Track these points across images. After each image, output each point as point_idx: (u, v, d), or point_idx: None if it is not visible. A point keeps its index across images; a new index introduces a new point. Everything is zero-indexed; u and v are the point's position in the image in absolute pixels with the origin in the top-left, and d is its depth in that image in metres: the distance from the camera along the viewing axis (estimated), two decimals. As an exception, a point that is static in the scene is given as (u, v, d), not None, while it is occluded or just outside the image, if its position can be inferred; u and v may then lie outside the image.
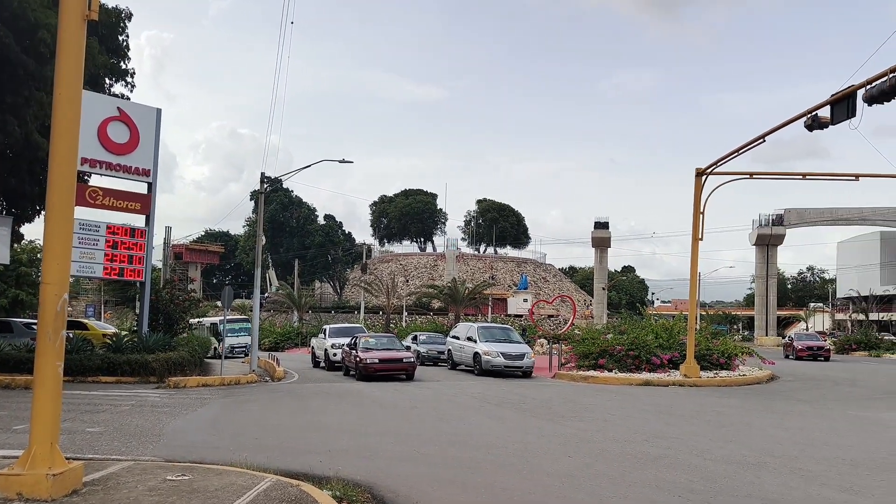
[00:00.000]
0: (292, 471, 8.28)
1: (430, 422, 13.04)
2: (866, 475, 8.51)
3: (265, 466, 8.32)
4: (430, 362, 28.74)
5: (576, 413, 14.09)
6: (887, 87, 14.94)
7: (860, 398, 17.94)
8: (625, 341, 23.66)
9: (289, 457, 9.34)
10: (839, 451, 10.09)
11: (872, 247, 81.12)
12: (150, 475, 7.56)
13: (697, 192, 22.70)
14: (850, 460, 9.42)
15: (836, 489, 7.77)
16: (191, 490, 6.95)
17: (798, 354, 38.02)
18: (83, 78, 7.38)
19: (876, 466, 9.04)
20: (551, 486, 7.86)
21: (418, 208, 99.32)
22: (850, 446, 10.57)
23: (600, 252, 79.26)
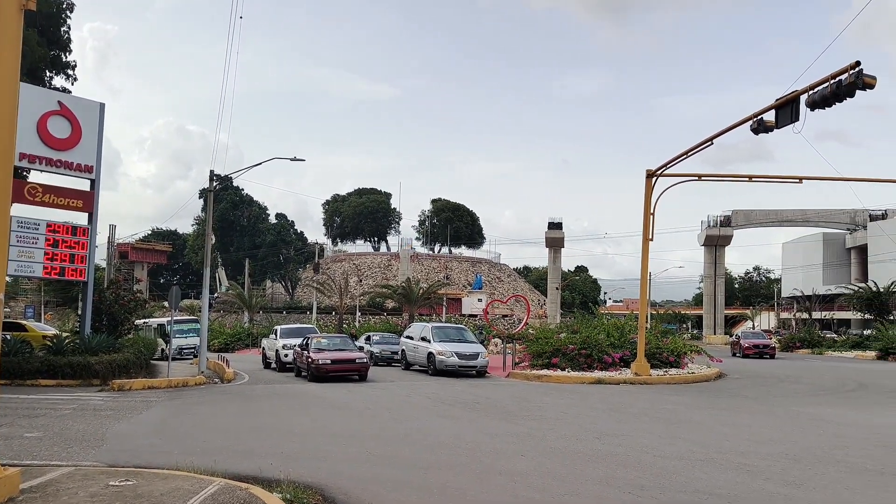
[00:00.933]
0: (241, 474, 8.14)
1: (383, 422, 12.95)
2: (807, 469, 8.76)
3: (213, 470, 8.14)
4: (384, 363, 28.59)
5: (529, 412, 14.17)
6: (828, 93, 15.45)
7: (803, 395, 18.49)
8: (577, 340, 23.94)
9: (238, 460, 9.15)
10: (783, 447, 10.37)
11: (815, 248, 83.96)
12: (92, 481, 7.33)
13: (648, 194, 23.10)
14: (792, 455, 9.68)
15: (778, 483, 7.98)
16: (135, 495, 6.76)
17: (745, 352, 39.02)
18: (21, 70, 7.09)
19: (816, 461, 9.32)
20: (504, 485, 7.88)
21: (372, 207, 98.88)
22: (793, 441, 10.88)
23: (554, 252, 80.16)
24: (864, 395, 18.28)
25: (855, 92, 15.02)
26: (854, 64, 15.04)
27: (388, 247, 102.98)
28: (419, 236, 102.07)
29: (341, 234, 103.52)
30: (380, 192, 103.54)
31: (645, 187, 23.16)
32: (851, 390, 19.60)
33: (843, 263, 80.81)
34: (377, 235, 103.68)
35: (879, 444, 10.74)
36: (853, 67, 15.01)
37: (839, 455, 9.71)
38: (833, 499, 7.35)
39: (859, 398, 17.63)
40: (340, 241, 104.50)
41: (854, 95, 15.12)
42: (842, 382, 21.94)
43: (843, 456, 9.65)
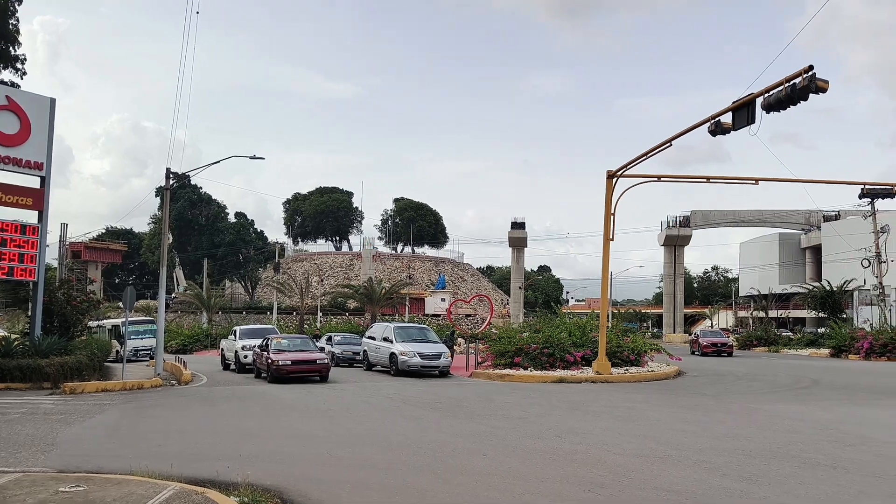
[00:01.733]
0: (198, 478, 7.99)
1: (343, 423, 12.82)
2: (762, 465, 8.92)
3: (168, 474, 7.97)
4: (346, 363, 28.35)
5: (491, 411, 14.18)
6: (783, 96, 15.81)
7: (759, 392, 18.87)
8: (540, 340, 24.08)
9: (195, 463, 8.97)
10: (739, 443, 10.55)
11: (772, 248, 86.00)
12: (41, 487, 7.09)
13: (609, 194, 23.33)
14: (748, 451, 9.85)
15: (735, 479, 8.11)
16: (86, 501, 6.59)
17: (703, 350, 39.67)
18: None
19: (771, 456, 9.50)
20: (465, 484, 7.85)
21: (333, 206, 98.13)
22: (749, 438, 11.08)
23: (517, 252, 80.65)
24: (817, 392, 18.74)
25: (808, 95, 15.39)
26: (807, 68, 15.41)
27: (350, 246, 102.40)
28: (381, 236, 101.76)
29: (302, 234, 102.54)
30: (341, 190, 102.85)
31: (606, 188, 23.39)
32: (805, 387, 20.08)
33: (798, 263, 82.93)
34: (339, 235, 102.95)
35: (831, 439, 11.00)
36: (806, 71, 15.39)
37: (793, 450, 9.92)
38: (786, 493, 7.49)
39: (813, 395, 18.06)
40: (301, 240, 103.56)
41: (808, 99, 15.50)
42: (796, 380, 22.46)
43: (796, 451, 9.85)
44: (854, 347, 36.61)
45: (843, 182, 28.42)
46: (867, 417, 13.79)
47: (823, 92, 15.35)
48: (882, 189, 29.25)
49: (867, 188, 29.24)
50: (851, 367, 29.09)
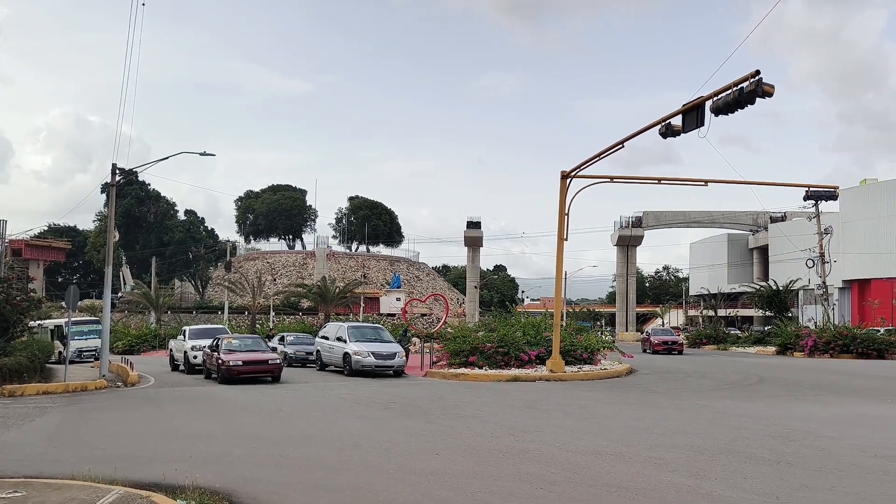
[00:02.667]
0: (144, 481, 7.79)
1: (295, 424, 12.66)
2: (710, 460, 9.10)
3: (112, 478, 7.77)
4: (298, 364, 27.99)
5: (445, 411, 14.17)
6: (731, 100, 16.16)
7: (708, 389, 19.28)
8: (495, 339, 24.15)
9: (140, 467, 8.74)
10: (688, 439, 10.75)
11: (721, 248, 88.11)
12: (-26, 495, 6.77)
13: (563, 194, 23.55)
14: (697, 447, 10.05)
15: (684, 475, 8.25)
16: (22, 509, 6.30)
17: (654, 349, 40.37)
18: None
19: (718, 452, 9.70)
20: (419, 484, 7.81)
21: (287, 204, 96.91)
22: (698, 434, 11.30)
23: (472, 251, 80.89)
24: (763, 389, 19.23)
25: (755, 99, 15.76)
26: (754, 73, 15.78)
27: (304, 245, 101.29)
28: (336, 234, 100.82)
29: (255, 232, 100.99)
30: (295, 188, 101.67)
31: (560, 188, 23.61)
32: (752, 384, 20.59)
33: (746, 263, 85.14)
34: (292, 233, 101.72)
35: (776, 434, 11.29)
36: (753, 76, 15.76)
37: (739, 446, 10.15)
38: (733, 487, 7.65)
39: (759, 392, 18.54)
40: (254, 238, 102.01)
41: (755, 102, 15.87)
42: (744, 377, 23.02)
43: (742, 447, 10.08)
44: (799, 345, 37.70)
45: (788, 184, 29.33)
46: (810, 413, 14.21)
47: (769, 96, 15.75)
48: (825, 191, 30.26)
49: (811, 190, 30.20)
50: (796, 365, 29.95)
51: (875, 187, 62.71)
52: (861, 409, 14.98)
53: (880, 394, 17.89)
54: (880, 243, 59.04)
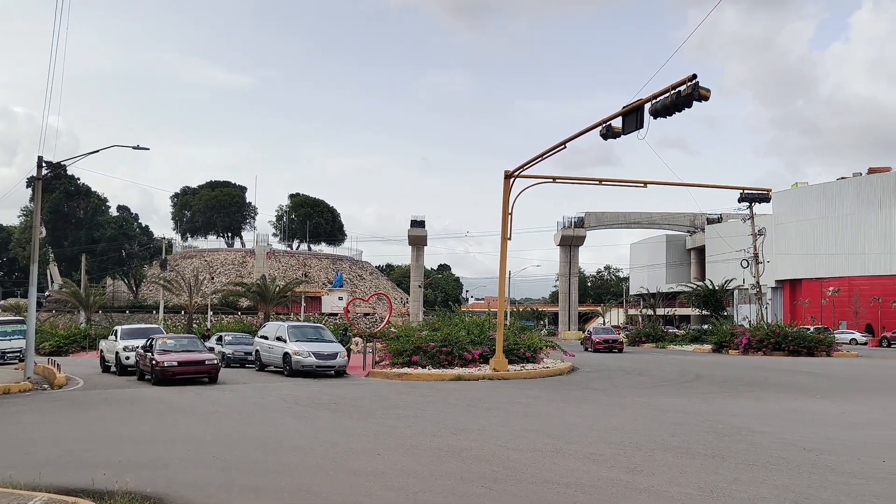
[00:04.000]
0: (70, 487, 7.49)
1: (233, 426, 12.31)
2: (647, 456, 9.25)
3: (36, 484, 7.41)
4: (237, 364, 27.34)
5: (387, 411, 14.03)
6: (669, 103, 16.46)
7: (647, 386, 19.66)
8: (438, 338, 24.08)
9: (67, 472, 8.38)
10: (627, 436, 10.90)
11: (659, 248, 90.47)
12: None
13: (506, 194, 23.66)
14: (635, 443, 10.19)
15: (622, 471, 8.35)
16: (-68, 520, 5.91)
17: (596, 347, 41.13)
18: None
19: (656, 447, 9.87)
20: (359, 485, 7.69)
21: (225, 201, 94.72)
22: (636, 430, 11.47)
23: (417, 250, 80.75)
24: (700, 386, 19.73)
25: (692, 102, 16.06)
26: (691, 77, 16.11)
27: (243, 243, 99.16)
28: (276, 232, 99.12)
29: (192, 230, 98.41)
30: (234, 185, 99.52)
31: (503, 188, 23.71)
32: (689, 381, 21.11)
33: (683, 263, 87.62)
34: (231, 231, 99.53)
35: (711, 430, 11.56)
36: (690, 80, 16.07)
37: (676, 441, 10.35)
38: (669, 482, 7.77)
39: (696, 388, 19.00)
40: (191, 236, 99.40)
41: (692, 106, 16.17)
42: (681, 374, 23.57)
43: (679, 442, 10.28)
44: (734, 343, 38.86)
45: (724, 187, 30.18)
46: (744, 409, 14.62)
47: (706, 100, 16.06)
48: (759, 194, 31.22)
49: (745, 193, 31.09)
50: (731, 362, 30.85)
51: (806, 190, 65.42)
52: (791, 404, 15.51)
53: (809, 390, 18.57)
54: (811, 245, 61.64)
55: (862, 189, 58.80)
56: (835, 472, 8.27)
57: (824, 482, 7.78)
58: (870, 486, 7.56)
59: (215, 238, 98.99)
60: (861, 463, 8.83)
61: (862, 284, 57.09)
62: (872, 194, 57.58)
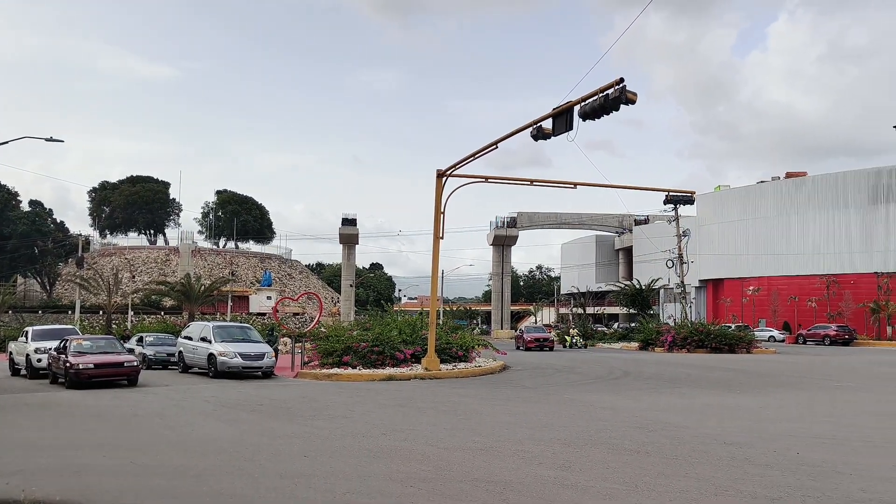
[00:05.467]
0: (-31, 498, 6.96)
1: (153, 430, 11.81)
2: (576, 452, 9.35)
3: (-71, 496, 6.84)
4: (159, 366, 26.36)
5: (316, 412, 13.76)
6: (598, 106, 16.76)
7: (576, 384, 19.97)
8: (369, 338, 23.84)
9: (-34, 483, 7.76)
10: (556, 433, 11.01)
11: (589, 248, 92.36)
12: None
13: (438, 193, 23.64)
14: (564, 440, 10.30)
15: (550, 467, 8.41)
16: None
17: (527, 346, 41.61)
18: None
19: (584, 444, 10.00)
20: (284, 487, 7.48)
21: (148, 197, 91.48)
22: (565, 427, 11.60)
23: (348, 249, 79.88)
24: (627, 383, 20.18)
25: (620, 105, 16.40)
26: (618, 80, 16.45)
27: (167, 241, 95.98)
28: (202, 230, 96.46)
29: (111, 226, 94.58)
30: (157, 180, 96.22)
31: (436, 187, 23.68)
32: (617, 378, 21.57)
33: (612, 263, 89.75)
34: (154, 228, 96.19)
35: (637, 426, 11.81)
36: (618, 83, 16.42)
37: (604, 437, 10.51)
38: (596, 478, 7.87)
39: (623, 385, 19.43)
40: (110, 233, 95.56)
41: (619, 109, 16.50)
42: (609, 371, 24.08)
43: (607, 438, 10.44)
44: (660, 341, 40.03)
45: (650, 188, 31.18)
46: (668, 405, 15.02)
47: (633, 103, 16.43)
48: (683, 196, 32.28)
49: (670, 195, 32.08)
50: (657, 359, 31.73)
51: (728, 193, 67.99)
52: (713, 399, 16.04)
53: (730, 385, 19.26)
54: (732, 246, 64.06)
55: (780, 193, 61.51)
56: (752, 465, 8.55)
57: (743, 474, 8.03)
58: (784, 478, 7.84)
59: (137, 235, 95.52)
60: (777, 455, 9.16)
61: (780, 284, 59.73)
62: (790, 198, 60.33)
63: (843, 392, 17.68)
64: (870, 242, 54.69)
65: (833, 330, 49.10)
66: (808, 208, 58.96)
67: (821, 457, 9.03)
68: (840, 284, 54.75)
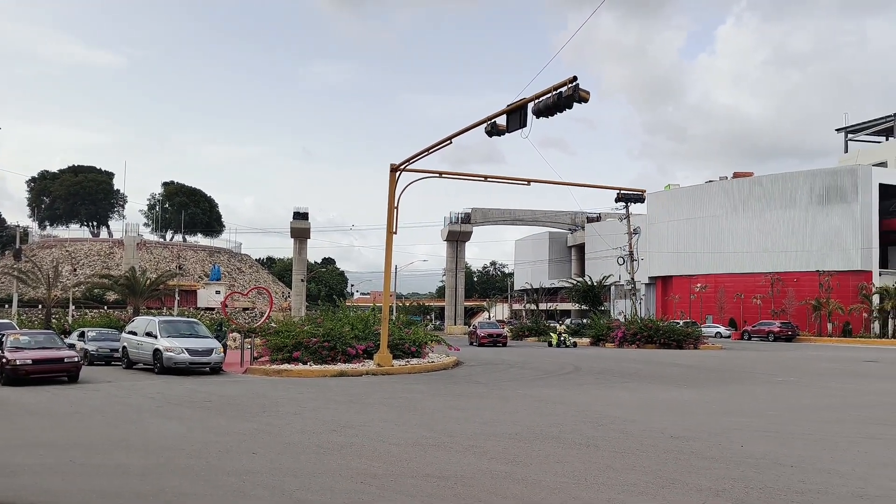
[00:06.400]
0: None
1: (94, 427, 11.45)
2: (527, 447, 9.41)
3: None
4: (102, 362, 25.59)
5: (265, 408, 13.53)
6: (551, 103, 16.89)
7: (529, 379, 20.11)
8: (321, 333, 23.58)
9: None
10: (508, 427, 11.05)
11: (542, 245, 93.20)
12: None
13: (392, 188, 23.51)
14: (515, 435, 10.35)
15: (502, 462, 8.44)
16: None
17: (481, 341, 41.77)
18: None
19: (535, 438, 10.06)
20: (233, 485, 7.33)
21: (90, 188, 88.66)
22: (516, 422, 11.67)
23: (299, 243, 78.93)
24: (578, 377, 20.44)
25: (573, 104, 16.54)
26: (572, 79, 16.58)
27: (111, 233, 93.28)
28: (148, 222, 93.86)
29: (52, 217, 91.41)
30: (100, 170, 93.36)
31: (389, 181, 23.55)
32: (568, 373, 21.82)
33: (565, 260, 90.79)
34: (97, 220, 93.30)
35: (587, 420, 11.95)
36: (571, 81, 16.56)
37: (555, 432, 10.60)
38: (546, 472, 7.93)
39: (574, 380, 19.67)
40: (51, 224, 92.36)
41: (572, 107, 16.65)
42: (561, 366, 24.34)
43: (557, 432, 10.53)
44: (610, 337, 40.66)
45: (602, 186, 31.51)
46: (617, 399, 15.26)
47: (585, 102, 16.58)
48: (634, 195, 32.79)
49: (622, 193, 32.54)
50: (607, 355, 32.25)
51: (678, 192, 69.47)
52: (661, 394, 16.36)
53: (677, 380, 19.69)
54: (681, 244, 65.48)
55: (727, 192, 63.09)
56: (698, 458, 8.73)
57: (689, 467, 8.19)
58: (728, 470, 8.02)
59: (79, 227, 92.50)
60: (721, 448, 9.37)
61: (727, 281, 61.29)
62: (737, 197, 61.93)
63: (786, 387, 18.26)
64: (812, 242, 56.57)
65: (777, 327, 50.69)
66: (754, 208, 60.63)
67: (763, 449, 9.27)
68: (784, 282, 56.42)
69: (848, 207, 55.01)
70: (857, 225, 54.54)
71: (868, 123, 71.59)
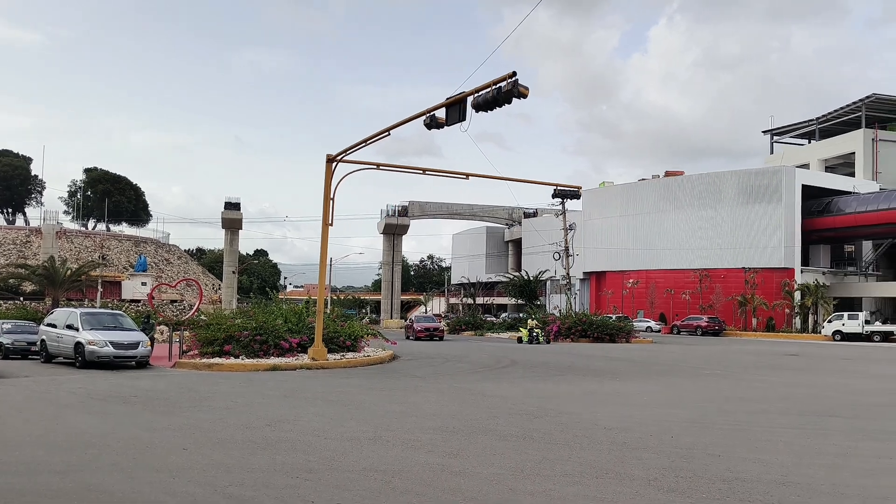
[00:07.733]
0: None
1: (11, 425, 10.85)
2: (464, 439, 9.43)
3: None
4: (18, 355, 24.35)
5: (195, 403, 13.13)
6: (490, 98, 16.94)
7: (465, 372, 20.21)
8: (252, 326, 23.10)
9: None
10: (445, 421, 11.05)
11: (480, 239, 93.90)
12: None
13: (328, 179, 23.18)
14: (452, 428, 10.36)
15: (439, 455, 8.43)
16: None
17: (417, 335, 41.83)
18: None
19: (472, 431, 10.10)
20: (161, 481, 7.07)
21: (6, 173, 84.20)
22: (454, 415, 11.68)
23: (231, 234, 77.10)
24: (514, 371, 20.66)
25: (512, 99, 16.65)
26: (511, 74, 16.68)
27: (27, 220, 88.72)
28: (69, 210, 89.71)
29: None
30: (16, 155, 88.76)
31: (325, 172, 23.20)
32: (504, 367, 22.02)
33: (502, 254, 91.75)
34: (13, 206, 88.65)
35: (523, 412, 12.07)
36: (510, 77, 16.65)
37: (491, 424, 10.66)
38: (482, 464, 7.96)
39: (510, 374, 19.86)
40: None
41: (511, 102, 16.76)
42: (497, 360, 24.56)
43: (494, 425, 10.60)
44: (546, 330, 41.34)
45: (539, 182, 31.87)
46: (553, 392, 15.49)
47: (524, 97, 16.72)
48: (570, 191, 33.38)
49: (558, 189, 33.10)
50: (543, 349, 32.71)
51: (611, 189, 71.09)
52: (594, 387, 16.70)
53: (610, 373, 20.15)
54: (614, 240, 67.06)
55: (659, 190, 64.95)
56: (630, 448, 8.93)
57: (621, 458, 8.36)
58: (660, 460, 8.24)
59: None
60: (652, 439, 9.62)
61: (658, 277, 63.11)
62: (668, 195, 63.79)
63: (713, 379, 18.92)
64: (739, 240, 58.79)
65: (705, 321, 52.53)
66: (684, 206, 62.59)
67: (692, 440, 9.56)
68: (711, 278, 58.44)
69: (773, 207, 57.35)
70: (781, 224, 56.90)
71: (792, 126, 74.90)
